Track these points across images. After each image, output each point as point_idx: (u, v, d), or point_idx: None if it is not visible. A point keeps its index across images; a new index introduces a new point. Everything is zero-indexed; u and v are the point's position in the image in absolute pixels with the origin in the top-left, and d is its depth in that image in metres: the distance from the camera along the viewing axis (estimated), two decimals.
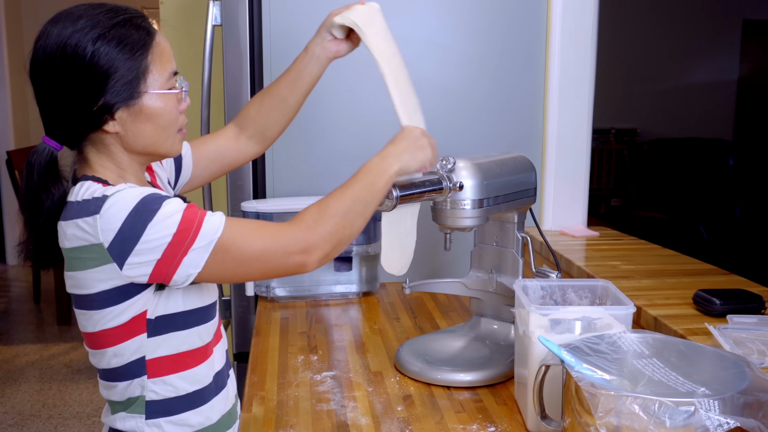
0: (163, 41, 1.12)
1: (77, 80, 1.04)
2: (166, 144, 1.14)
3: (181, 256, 1.02)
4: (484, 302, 1.52)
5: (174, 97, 1.12)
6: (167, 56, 1.12)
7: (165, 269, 1.02)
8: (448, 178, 1.28)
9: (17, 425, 3.13)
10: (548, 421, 1.05)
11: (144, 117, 1.09)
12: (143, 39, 1.08)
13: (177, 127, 1.14)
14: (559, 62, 2.02)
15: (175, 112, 1.13)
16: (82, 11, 1.07)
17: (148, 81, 1.08)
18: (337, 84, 1.96)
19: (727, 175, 4.98)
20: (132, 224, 1.00)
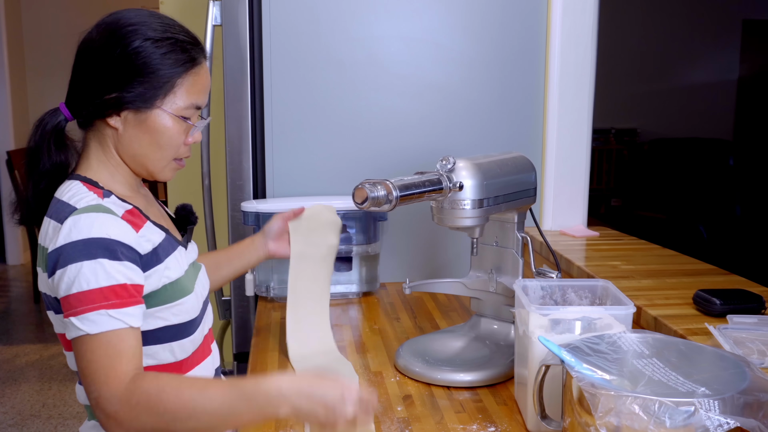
0: (203, 75, 1.14)
1: (108, 65, 1.07)
2: (157, 164, 1.15)
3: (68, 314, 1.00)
4: (484, 302, 1.52)
5: (183, 125, 1.14)
6: (199, 89, 1.14)
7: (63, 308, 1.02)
8: (448, 178, 1.28)
9: (17, 425, 3.13)
10: (548, 421, 1.05)
11: (145, 127, 1.11)
12: (187, 61, 1.11)
13: (175, 154, 1.15)
14: (559, 62, 2.02)
15: (178, 138, 1.14)
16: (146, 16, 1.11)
17: (167, 99, 1.10)
18: (338, 84, 1.97)
19: (727, 175, 4.98)
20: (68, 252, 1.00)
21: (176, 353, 1.16)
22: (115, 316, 1.00)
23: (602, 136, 5.93)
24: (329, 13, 1.94)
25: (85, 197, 1.06)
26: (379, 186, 1.19)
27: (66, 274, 1.00)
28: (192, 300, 1.17)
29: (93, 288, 0.99)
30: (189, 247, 1.28)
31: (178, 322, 1.15)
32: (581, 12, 2.03)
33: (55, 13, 6.02)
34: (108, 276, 1.00)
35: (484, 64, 2.01)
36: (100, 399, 0.98)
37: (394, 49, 1.98)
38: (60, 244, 1.01)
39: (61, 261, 1.01)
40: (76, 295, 0.99)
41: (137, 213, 1.12)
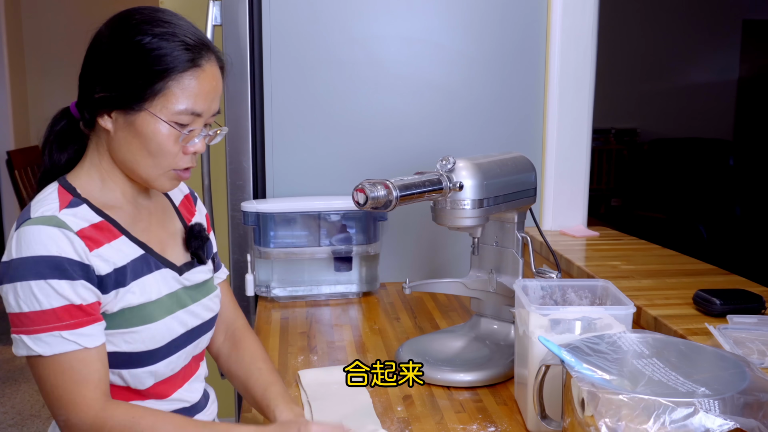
0: (204, 80, 1.05)
1: (102, 60, 1.03)
2: (149, 171, 1.07)
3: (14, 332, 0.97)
4: (484, 302, 1.52)
5: (174, 133, 1.04)
6: (196, 93, 1.04)
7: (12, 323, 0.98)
8: (448, 178, 1.28)
9: (17, 425, 3.13)
10: (548, 421, 1.05)
11: (134, 131, 1.04)
12: (181, 62, 1.02)
13: (171, 164, 1.07)
14: (559, 62, 2.02)
15: (170, 146, 1.05)
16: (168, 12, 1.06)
17: (157, 102, 1.02)
18: (338, 84, 1.97)
19: (727, 175, 4.98)
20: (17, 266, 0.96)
21: (128, 380, 1.08)
22: (68, 337, 0.96)
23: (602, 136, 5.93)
24: (329, 13, 1.94)
25: (45, 206, 1.01)
26: (379, 186, 1.19)
27: (13, 291, 0.96)
28: (154, 330, 1.07)
29: (45, 309, 0.96)
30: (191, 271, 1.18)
31: (130, 351, 1.06)
32: (581, 12, 2.03)
33: (55, 13, 6.02)
34: (58, 296, 0.96)
35: (484, 64, 2.01)
36: (68, 423, 0.97)
37: (394, 49, 1.98)
38: (11, 257, 0.97)
39: (9, 276, 0.96)
40: (27, 314, 0.96)
41: (107, 227, 1.05)
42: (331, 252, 1.88)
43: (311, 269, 1.90)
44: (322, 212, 1.86)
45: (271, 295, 1.86)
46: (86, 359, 0.98)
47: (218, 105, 1.10)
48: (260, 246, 1.83)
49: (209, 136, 1.11)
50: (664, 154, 5.04)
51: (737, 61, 6.05)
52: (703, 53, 6.02)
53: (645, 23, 5.89)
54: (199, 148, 1.08)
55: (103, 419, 0.97)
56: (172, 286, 1.13)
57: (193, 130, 1.07)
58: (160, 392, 1.12)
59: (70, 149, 1.11)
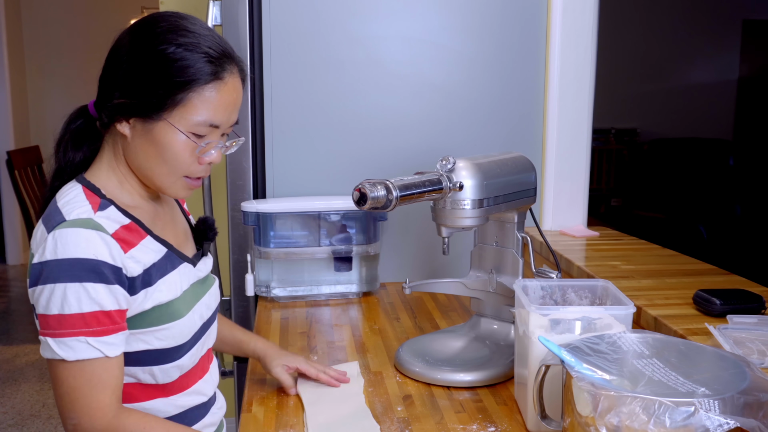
0: (226, 93, 1.04)
1: (124, 66, 1.02)
2: (163, 179, 1.07)
3: (42, 333, 0.98)
4: (484, 302, 1.52)
5: (190, 144, 1.05)
6: (216, 106, 1.04)
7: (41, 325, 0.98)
8: (448, 178, 1.28)
9: (17, 425, 3.13)
10: (548, 421, 1.05)
11: (151, 139, 1.04)
12: (203, 74, 1.02)
13: (184, 171, 1.07)
14: (559, 62, 2.02)
15: (185, 156, 1.05)
16: (193, 20, 1.05)
17: (176, 112, 1.02)
18: (338, 84, 1.97)
19: (727, 175, 4.98)
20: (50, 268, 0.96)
21: (157, 377, 1.10)
22: (93, 344, 0.97)
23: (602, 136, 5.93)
24: (329, 13, 1.94)
25: (78, 207, 1.01)
26: (379, 186, 1.19)
27: (47, 292, 0.96)
28: (182, 325, 1.10)
29: (74, 312, 0.96)
30: (200, 263, 1.22)
31: (162, 347, 1.08)
32: (581, 12, 2.03)
33: (55, 13, 6.02)
34: (91, 301, 0.97)
35: (483, 64, 2.01)
36: (79, 427, 0.97)
37: (394, 49, 1.98)
38: (46, 258, 0.97)
39: (43, 277, 0.96)
40: (56, 316, 0.96)
41: (135, 228, 1.07)
42: (331, 252, 1.88)
43: (311, 269, 1.90)
44: (322, 212, 1.86)
45: (271, 295, 1.86)
46: (107, 366, 0.99)
47: (236, 116, 1.10)
48: (260, 246, 1.83)
49: (226, 147, 1.11)
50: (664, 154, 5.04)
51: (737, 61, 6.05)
52: (703, 53, 6.02)
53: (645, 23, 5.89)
54: (215, 159, 1.09)
55: (115, 426, 0.98)
56: (189, 280, 1.16)
57: (210, 142, 1.07)
58: (183, 384, 1.15)
59: (85, 148, 1.12)
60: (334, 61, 1.96)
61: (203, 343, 1.20)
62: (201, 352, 1.19)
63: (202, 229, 1.23)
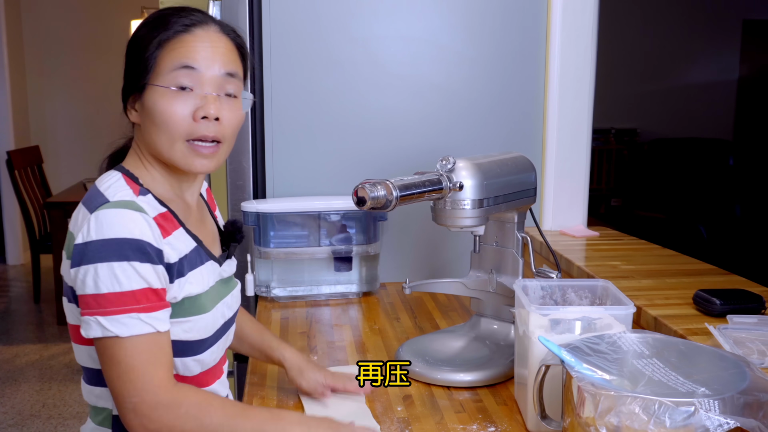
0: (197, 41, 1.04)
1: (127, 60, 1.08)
2: (169, 150, 1.05)
3: (87, 313, 0.97)
4: (484, 302, 1.52)
5: (179, 96, 1.02)
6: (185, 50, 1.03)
7: (82, 306, 0.99)
8: (448, 178, 1.28)
9: (17, 425, 3.13)
10: (548, 421, 1.05)
11: (147, 111, 1.04)
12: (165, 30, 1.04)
13: (183, 134, 1.04)
14: (559, 62, 2.02)
15: (178, 112, 1.02)
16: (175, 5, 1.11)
17: (154, 73, 1.03)
18: (338, 84, 1.97)
19: (727, 175, 4.98)
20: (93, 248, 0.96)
21: (179, 369, 1.10)
22: (145, 320, 0.97)
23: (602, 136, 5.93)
24: (329, 13, 1.94)
25: (120, 191, 1.02)
26: (379, 186, 1.19)
27: (93, 272, 0.96)
28: (207, 320, 1.11)
29: (125, 290, 0.96)
30: (225, 264, 1.23)
31: (187, 339, 1.09)
32: (581, 12, 2.03)
33: (55, 13, 6.02)
34: (140, 278, 0.97)
35: (484, 64, 2.01)
36: (142, 404, 0.96)
37: (394, 49, 1.98)
38: (91, 238, 0.96)
39: (89, 257, 0.96)
40: (105, 295, 0.95)
41: (170, 217, 1.08)
42: (331, 252, 1.88)
43: (311, 269, 1.90)
44: (322, 212, 1.86)
45: (271, 295, 1.86)
46: (159, 342, 0.99)
47: (225, 66, 1.07)
48: (260, 246, 1.83)
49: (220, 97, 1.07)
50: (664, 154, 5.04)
51: (737, 61, 6.06)
52: (703, 53, 6.03)
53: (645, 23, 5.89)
54: (210, 112, 1.04)
55: (178, 399, 0.97)
56: (215, 278, 1.17)
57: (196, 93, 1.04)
58: (203, 382, 1.15)
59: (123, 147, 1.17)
60: (334, 61, 1.96)
61: (223, 342, 1.20)
62: (220, 352, 1.20)
63: (230, 231, 1.25)
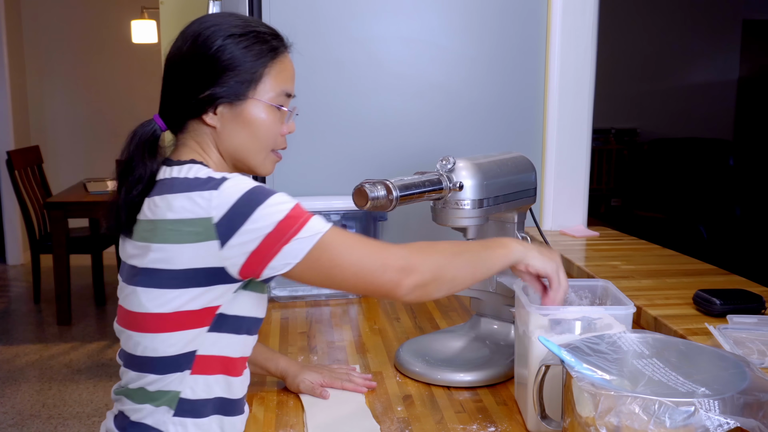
0: (288, 63, 1.16)
1: (197, 67, 1.10)
2: (256, 157, 1.15)
3: (283, 243, 1.00)
4: (484, 302, 1.52)
5: (278, 114, 1.15)
6: (287, 76, 1.16)
7: (263, 254, 1.01)
8: (448, 178, 1.28)
9: (17, 425, 3.13)
10: (548, 421, 1.05)
11: (242, 120, 1.12)
12: (270, 50, 1.13)
13: (272, 145, 1.16)
14: (559, 62, 2.02)
15: (274, 128, 1.15)
16: (225, 17, 1.14)
17: (259, 89, 1.12)
18: (338, 84, 1.97)
19: (727, 175, 4.98)
20: (245, 203, 1.01)
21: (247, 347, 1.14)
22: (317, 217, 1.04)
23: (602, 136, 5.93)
24: (329, 13, 1.94)
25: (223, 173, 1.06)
26: (379, 186, 1.19)
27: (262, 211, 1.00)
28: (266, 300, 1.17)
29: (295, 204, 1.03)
30: None
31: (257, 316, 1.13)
32: (581, 12, 2.03)
33: (55, 13, 6.02)
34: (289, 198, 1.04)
35: (484, 64, 2.01)
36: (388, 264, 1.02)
37: (394, 49, 1.98)
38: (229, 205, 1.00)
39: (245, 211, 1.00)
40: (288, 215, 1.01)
41: None
42: None
43: None
44: (322, 212, 1.86)
45: (271, 295, 1.86)
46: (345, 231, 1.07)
47: None
48: None
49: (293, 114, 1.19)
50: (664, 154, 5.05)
51: (737, 61, 6.06)
52: (703, 53, 6.03)
53: (645, 23, 5.89)
54: (292, 128, 1.19)
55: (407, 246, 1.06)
56: None
57: (290, 111, 1.17)
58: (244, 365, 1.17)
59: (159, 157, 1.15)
60: (335, 62, 1.96)
61: None
62: None
63: None
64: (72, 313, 4.44)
